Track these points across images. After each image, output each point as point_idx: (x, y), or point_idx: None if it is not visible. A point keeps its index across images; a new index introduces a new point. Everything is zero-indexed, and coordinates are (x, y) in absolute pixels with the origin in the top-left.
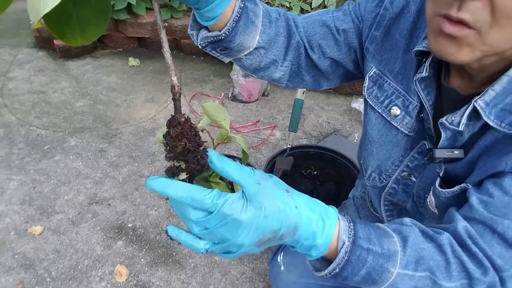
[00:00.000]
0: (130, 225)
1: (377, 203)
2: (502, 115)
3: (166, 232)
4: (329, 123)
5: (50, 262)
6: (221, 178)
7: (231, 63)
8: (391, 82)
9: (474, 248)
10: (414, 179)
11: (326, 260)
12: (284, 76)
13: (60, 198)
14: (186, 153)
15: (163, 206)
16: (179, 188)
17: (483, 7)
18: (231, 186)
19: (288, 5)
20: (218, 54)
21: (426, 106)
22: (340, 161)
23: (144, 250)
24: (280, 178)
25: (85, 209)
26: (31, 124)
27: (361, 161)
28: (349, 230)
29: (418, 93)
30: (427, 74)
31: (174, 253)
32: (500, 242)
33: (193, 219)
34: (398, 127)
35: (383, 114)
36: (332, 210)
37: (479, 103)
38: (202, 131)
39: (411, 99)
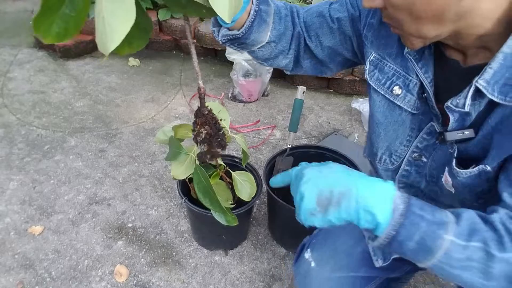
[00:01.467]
0: (130, 225)
1: None
2: (505, 90)
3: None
4: (329, 123)
5: (50, 262)
6: (221, 178)
7: (231, 63)
8: (391, 65)
9: None
10: (425, 159)
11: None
12: (289, 63)
13: (60, 198)
14: (209, 136)
15: (163, 206)
16: (277, 179)
17: (386, 12)
18: (231, 187)
19: None
20: (235, 48)
21: (425, 84)
22: (340, 161)
23: (144, 250)
24: None
25: (85, 209)
26: (31, 124)
27: (369, 158)
28: (404, 197)
29: (416, 71)
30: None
31: (174, 253)
32: None
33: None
34: (401, 105)
35: (386, 95)
36: (389, 183)
37: (480, 82)
38: (221, 120)
39: (410, 78)
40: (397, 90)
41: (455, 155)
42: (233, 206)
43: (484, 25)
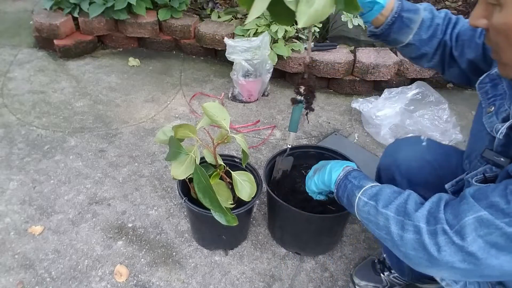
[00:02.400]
0: (130, 225)
1: None
2: None
3: None
4: (329, 123)
5: (50, 262)
6: (221, 178)
7: (231, 63)
8: (504, 86)
9: (427, 203)
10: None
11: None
12: (435, 66)
13: (60, 198)
14: (303, 92)
15: (163, 206)
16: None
17: (488, 35)
18: (231, 187)
19: None
20: (381, 42)
21: (511, 113)
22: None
23: (144, 250)
24: (280, 178)
25: (85, 209)
26: (31, 124)
27: None
28: (348, 170)
29: None
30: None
31: (174, 253)
32: (453, 212)
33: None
34: (484, 122)
35: (484, 109)
36: (350, 163)
37: None
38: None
39: (505, 104)
40: (491, 108)
41: (487, 174)
42: (233, 206)
43: None
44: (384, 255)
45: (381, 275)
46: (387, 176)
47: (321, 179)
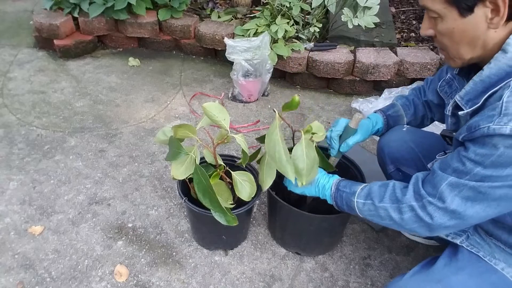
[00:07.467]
0: (130, 225)
1: None
2: (471, 104)
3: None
4: (329, 123)
5: (50, 262)
6: (221, 178)
7: (231, 63)
8: (456, 84)
9: (410, 186)
10: None
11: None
12: (433, 118)
13: (60, 198)
14: None
15: (163, 206)
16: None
17: (436, 39)
18: (231, 187)
19: (288, 5)
20: None
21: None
22: (340, 161)
23: (144, 250)
24: (279, 178)
25: (85, 209)
26: (31, 124)
27: None
28: (336, 183)
29: (458, 88)
30: (456, 72)
31: (174, 253)
32: (430, 186)
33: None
34: (445, 110)
35: (446, 102)
36: (333, 178)
37: (456, 97)
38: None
39: (454, 92)
40: (448, 101)
41: (447, 151)
42: (233, 206)
43: (495, 50)
44: None
45: None
46: (380, 160)
47: (314, 190)
